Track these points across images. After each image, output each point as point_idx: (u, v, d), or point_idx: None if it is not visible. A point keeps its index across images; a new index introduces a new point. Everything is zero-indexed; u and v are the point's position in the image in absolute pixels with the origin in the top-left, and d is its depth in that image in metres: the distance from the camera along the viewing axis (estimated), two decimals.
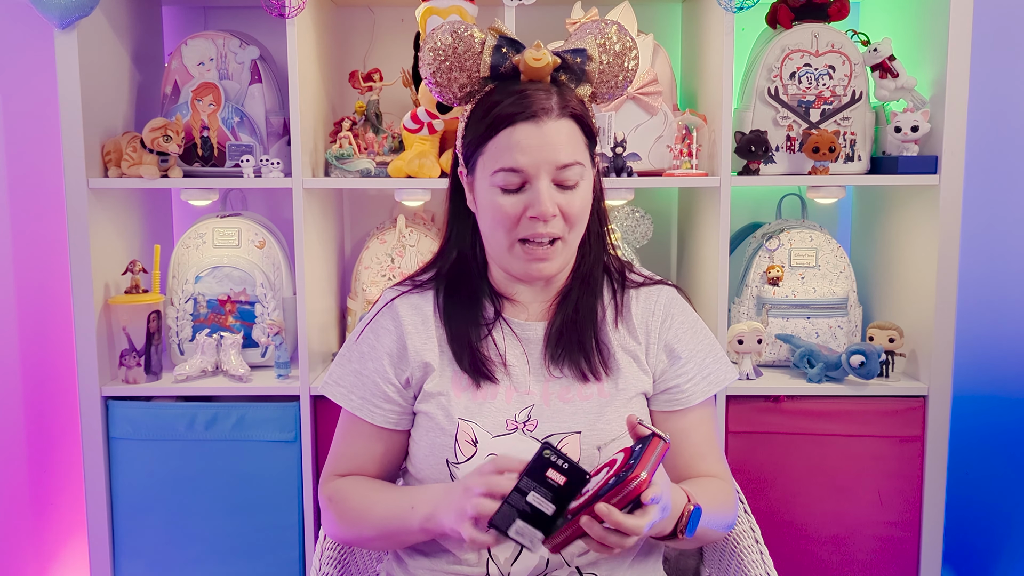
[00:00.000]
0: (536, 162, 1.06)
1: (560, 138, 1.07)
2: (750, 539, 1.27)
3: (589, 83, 1.12)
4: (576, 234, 1.12)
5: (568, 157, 1.07)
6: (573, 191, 1.09)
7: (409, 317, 1.18)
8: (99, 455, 1.82)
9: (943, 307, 1.78)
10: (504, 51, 1.09)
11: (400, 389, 1.17)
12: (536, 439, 1.11)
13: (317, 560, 1.28)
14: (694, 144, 1.84)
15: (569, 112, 1.08)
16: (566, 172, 1.07)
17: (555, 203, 1.07)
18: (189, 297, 1.92)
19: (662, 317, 1.19)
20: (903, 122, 1.80)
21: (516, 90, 1.08)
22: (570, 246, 1.12)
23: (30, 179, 1.98)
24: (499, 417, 1.12)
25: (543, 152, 1.06)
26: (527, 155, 1.06)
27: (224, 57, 1.93)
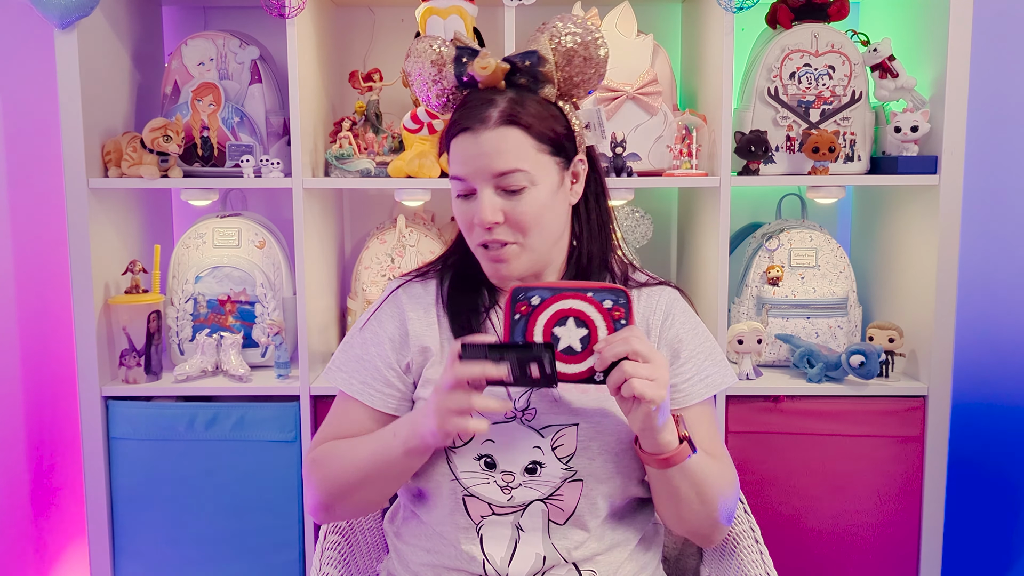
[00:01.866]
0: (474, 171, 1.09)
1: (497, 146, 1.08)
2: (750, 539, 1.27)
3: (550, 83, 1.12)
4: (537, 238, 1.12)
5: (505, 165, 1.08)
6: (519, 197, 1.09)
7: (411, 303, 1.20)
8: (99, 455, 1.82)
9: (943, 307, 1.78)
10: (464, 60, 1.12)
11: (401, 374, 1.18)
12: (534, 429, 1.11)
13: (317, 560, 1.28)
14: (694, 144, 1.84)
15: (510, 120, 1.09)
16: (506, 179, 1.09)
17: (498, 210, 1.09)
18: (189, 297, 1.92)
19: (663, 316, 1.19)
20: (903, 122, 1.80)
21: (467, 100, 1.12)
22: (531, 249, 1.12)
23: (30, 179, 1.98)
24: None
25: (479, 161, 1.09)
26: (466, 165, 1.10)
27: (224, 57, 1.93)
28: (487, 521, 1.12)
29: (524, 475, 1.11)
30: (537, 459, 1.11)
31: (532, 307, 1.00)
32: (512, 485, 1.11)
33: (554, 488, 1.11)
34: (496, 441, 1.11)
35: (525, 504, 1.11)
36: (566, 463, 1.11)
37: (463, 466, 1.11)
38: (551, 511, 1.11)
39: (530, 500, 1.11)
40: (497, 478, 1.11)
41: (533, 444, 1.11)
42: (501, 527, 1.11)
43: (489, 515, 1.12)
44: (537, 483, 1.11)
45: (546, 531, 1.11)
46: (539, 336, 1.01)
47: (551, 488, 1.11)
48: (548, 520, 1.11)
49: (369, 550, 1.42)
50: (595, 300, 1.00)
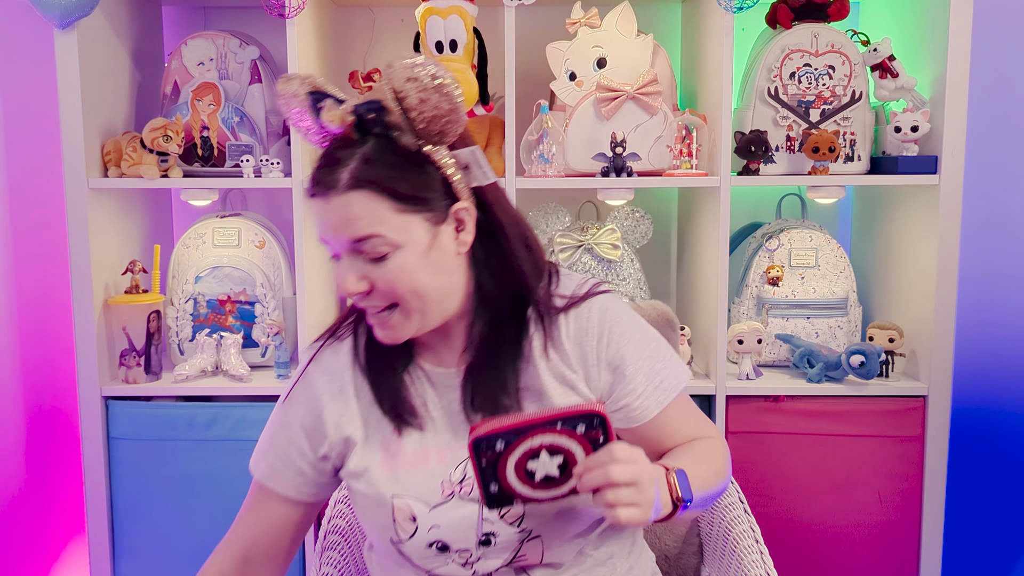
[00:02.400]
0: (330, 238, 1.01)
1: (348, 212, 0.98)
2: (750, 539, 1.26)
3: (406, 131, 0.99)
4: (415, 302, 1.01)
5: (359, 231, 0.98)
6: (383, 264, 0.99)
7: (324, 382, 1.11)
8: (99, 455, 1.82)
9: (943, 307, 1.78)
10: (319, 106, 1.01)
11: (315, 462, 1.11)
12: (475, 501, 1.04)
13: (317, 560, 1.28)
14: (694, 144, 1.84)
15: (360, 182, 0.97)
16: (363, 246, 0.99)
17: (362, 278, 1.00)
18: (189, 297, 1.92)
19: (597, 335, 1.08)
20: (903, 122, 1.80)
21: (324, 153, 1.02)
22: (415, 313, 1.02)
23: (30, 179, 1.98)
24: (433, 482, 1.05)
25: (333, 228, 1.00)
26: (323, 230, 1.02)
27: (224, 57, 1.93)
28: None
29: (480, 548, 1.04)
30: (488, 531, 1.04)
31: (498, 454, 0.90)
32: (471, 560, 1.05)
33: (515, 551, 1.05)
34: (441, 525, 1.03)
35: (491, 572, 1.06)
36: (519, 526, 1.04)
37: (416, 555, 1.05)
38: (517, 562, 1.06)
39: (495, 568, 1.05)
40: (454, 558, 1.05)
41: (481, 516, 1.04)
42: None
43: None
44: (496, 551, 1.05)
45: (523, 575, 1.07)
46: (512, 475, 0.92)
47: (512, 552, 1.05)
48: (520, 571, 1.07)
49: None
50: (566, 430, 0.90)
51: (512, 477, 0.93)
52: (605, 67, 1.86)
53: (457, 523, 1.03)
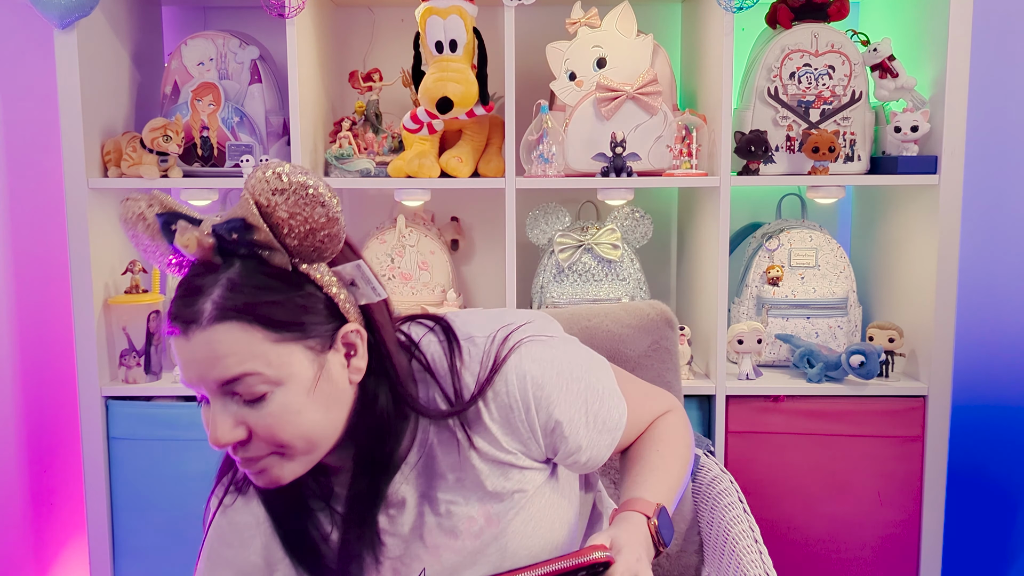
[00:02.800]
0: (195, 380, 0.86)
1: (214, 351, 0.83)
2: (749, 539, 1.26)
3: (275, 250, 0.85)
4: (302, 443, 0.88)
5: (228, 371, 0.84)
6: (261, 405, 0.85)
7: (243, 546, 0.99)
8: (99, 455, 1.82)
9: (943, 307, 1.78)
10: (173, 228, 0.87)
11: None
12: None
13: None
14: (694, 144, 1.84)
15: (226, 313, 0.83)
16: (236, 386, 0.84)
17: (238, 426, 0.86)
18: None
19: (524, 408, 0.96)
20: (903, 122, 1.80)
21: (182, 282, 0.87)
22: (302, 454, 0.89)
23: (30, 179, 1.98)
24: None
25: (197, 370, 0.85)
26: (186, 372, 0.86)
27: (224, 57, 1.93)
28: None
29: None
30: None
31: None
32: None
33: None
34: None
35: None
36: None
37: None
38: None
39: None
40: None
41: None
42: None
43: None
44: None
45: None
46: None
47: None
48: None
49: None
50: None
51: None
52: (605, 67, 1.86)
53: None
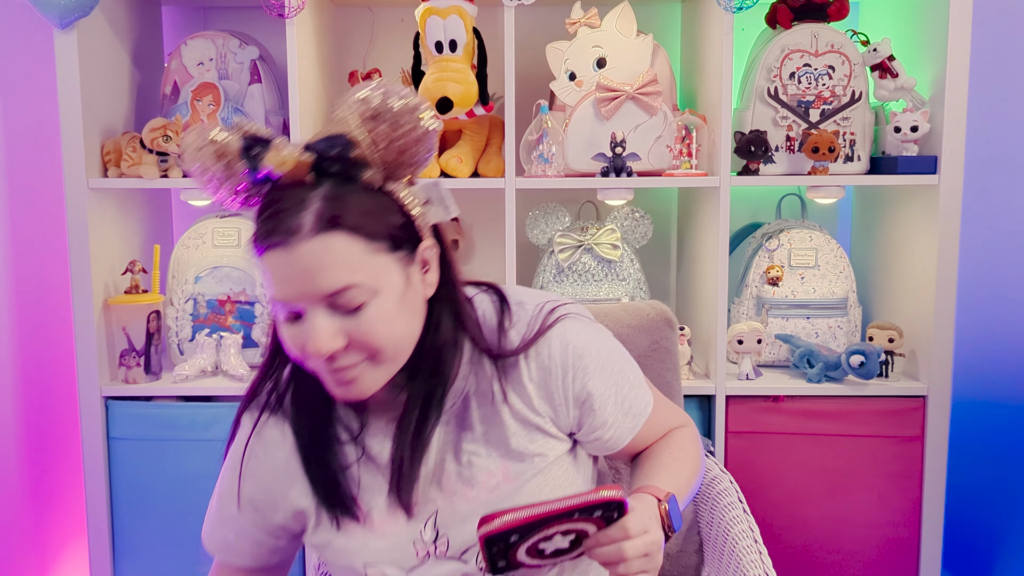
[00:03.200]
0: (296, 294, 0.87)
1: (319, 261, 0.86)
2: (749, 539, 1.27)
3: (372, 166, 0.89)
4: (391, 352, 0.92)
5: (333, 282, 0.86)
6: (359, 315, 0.88)
7: (268, 459, 1.04)
8: (99, 455, 1.82)
9: (943, 307, 1.78)
10: (255, 154, 0.88)
11: (271, 530, 1.05)
12: (455, 559, 0.98)
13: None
14: (694, 144, 1.84)
15: (330, 224, 0.86)
16: (338, 299, 0.87)
17: (337, 334, 0.88)
18: (189, 297, 1.92)
19: (561, 374, 1.00)
20: (903, 122, 1.80)
21: (270, 201, 0.88)
22: (387, 363, 0.93)
23: (30, 179, 1.98)
24: (405, 545, 0.99)
25: (300, 283, 0.87)
26: (284, 287, 0.88)
27: (224, 57, 1.93)
28: None
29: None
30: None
31: (510, 544, 0.87)
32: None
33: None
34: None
35: None
36: None
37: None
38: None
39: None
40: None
41: (461, 573, 0.99)
42: None
43: None
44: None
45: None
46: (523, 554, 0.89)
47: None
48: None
49: None
50: (583, 518, 0.88)
51: (523, 555, 0.90)
52: (605, 67, 1.86)
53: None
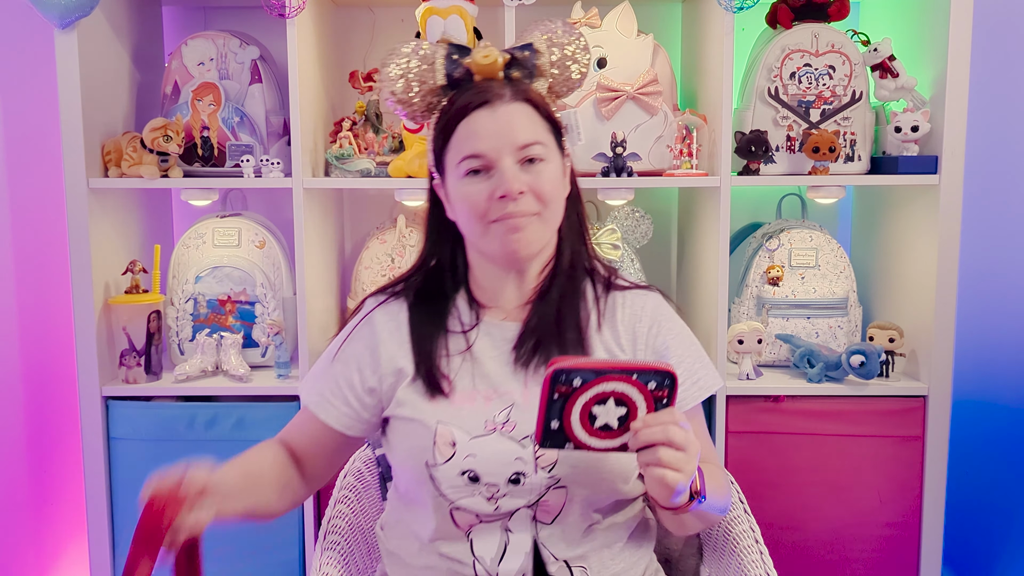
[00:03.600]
0: (496, 145, 1.08)
1: (516, 119, 1.09)
2: (750, 539, 1.26)
3: (543, 77, 1.15)
4: (552, 213, 1.12)
5: (527, 136, 1.09)
6: (539, 168, 1.10)
7: (384, 324, 1.18)
8: (99, 455, 1.82)
9: (943, 307, 1.78)
10: (455, 58, 1.12)
11: (362, 396, 1.17)
12: (514, 440, 1.10)
13: (317, 560, 1.28)
14: (694, 144, 1.84)
15: (524, 97, 1.11)
16: (528, 150, 1.09)
17: (521, 181, 1.08)
18: (189, 297, 1.92)
19: (649, 323, 1.18)
20: (903, 122, 1.80)
21: (467, 88, 1.12)
22: (547, 224, 1.12)
23: (30, 179, 1.98)
24: (478, 419, 1.11)
25: (501, 135, 1.08)
26: (485, 140, 1.08)
27: (224, 57, 1.93)
28: (475, 529, 1.12)
29: (508, 486, 1.09)
30: (520, 470, 1.09)
31: (573, 389, 0.95)
32: (497, 496, 1.10)
33: (539, 495, 1.10)
34: (477, 455, 1.09)
35: (511, 511, 1.11)
36: (549, 471, 1.09)
37: (447, 481, 1.10)
38: (538, 513, 1.11)
39: (516, 508, 1.10)
40: (482, 490, 1.09)
41: (515, 456, 1.09)
42: (490, 531, 1.11)
43: (477, 524, 1.11)
44: (522, 492, 1.10)
45: (535, 532, 1.12)
46: (576, 415, 0.96)
47: (536, 495, 1.10)
48: (536, 521, 1.11)
49: (369, 550, 1.42)
50: (639, 382, 0.95)
51: (575, 417, 0.96)
52: (605, 67, 1.86)
53: (493, 456, 1.09)
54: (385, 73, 1.14)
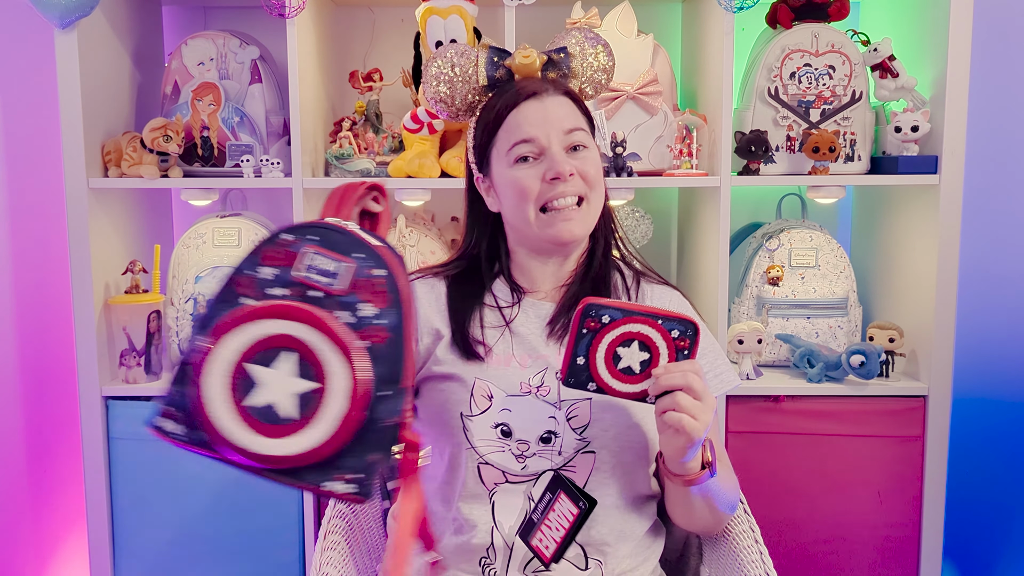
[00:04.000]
0: (546, 131, 1.16)
1: (561, 108, 1.18)
2: (750, 539, 1.26)
3: (575, 78, 1.24)
4: (596, 196, 1.20)
5: (572, 123, 1.18)
6: (583, 154, 1.18)
7: (423, 293, 1.25)
8: (99, 455, 1.82)
9: (943, 307, 1.78)
10: (496, 60, 1.21)
11: None
12: (549, 402, 1.15)
13: (317, 560, 1.28)
14: (694, 144, 1.84)
15: (563, 90, 1.20)
16: (573, 136, 1.17)
17: (571, 164, 1.16)
18: (189, 297, 1.92)
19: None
20: (903, 122, 1.80)
21: (511, 86, 1.21)
22: (593, 208, 1.20)
23: (30, 179, 1.98)
24: (513, 379, 1.16)
25: (549, 121, 1.16)
26: (536, 126, 1.16)
27: (224, 57, 1.93)
28: (500, 489, 1.14)
29: (539, 444, 1.13)
30: (552, 429, 1.14)
31: (601, 325, 1.00)
32: (527, 454, 1.13)
33: (567, 459, 1.13)
34: (512, 411, 1.14)
35: (538, 473, 1.13)
36: (580, 433, 1.13)
37: (479, 433, 1.14)
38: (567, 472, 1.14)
39: (543, 469, 1.13)
40: (512, 446, 1.13)
41: (548, 415, 1.14)
42: (513, 496, 1.14)
43: (503, 483, 1.14)
44: (551, 453, 1.13)
45: None
46: (601, 353, 1.01)
47: (564, 459, 1.13)
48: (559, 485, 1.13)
49: (369, 550, 1.42)
50: (663, 328, 1.00)
51: (601, 355, 1.01)
52: None
53: (527, 414, 1.14)
54: (428, 74, 1.22)
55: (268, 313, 0.67)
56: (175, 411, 0.71)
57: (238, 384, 0.65)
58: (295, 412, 0.65)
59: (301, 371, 0.65)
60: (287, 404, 0.65)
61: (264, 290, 0.72)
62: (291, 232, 0.78)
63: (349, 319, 0.70)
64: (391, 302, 0.75)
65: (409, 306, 0.80)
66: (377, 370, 0.71)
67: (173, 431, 0.70)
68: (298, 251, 0.76)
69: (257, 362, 0.65)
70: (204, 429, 0.68)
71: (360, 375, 0.67)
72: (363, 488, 0.70)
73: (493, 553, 1.14)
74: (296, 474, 0.70)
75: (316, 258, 0.75)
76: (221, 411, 0.66)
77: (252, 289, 0.72)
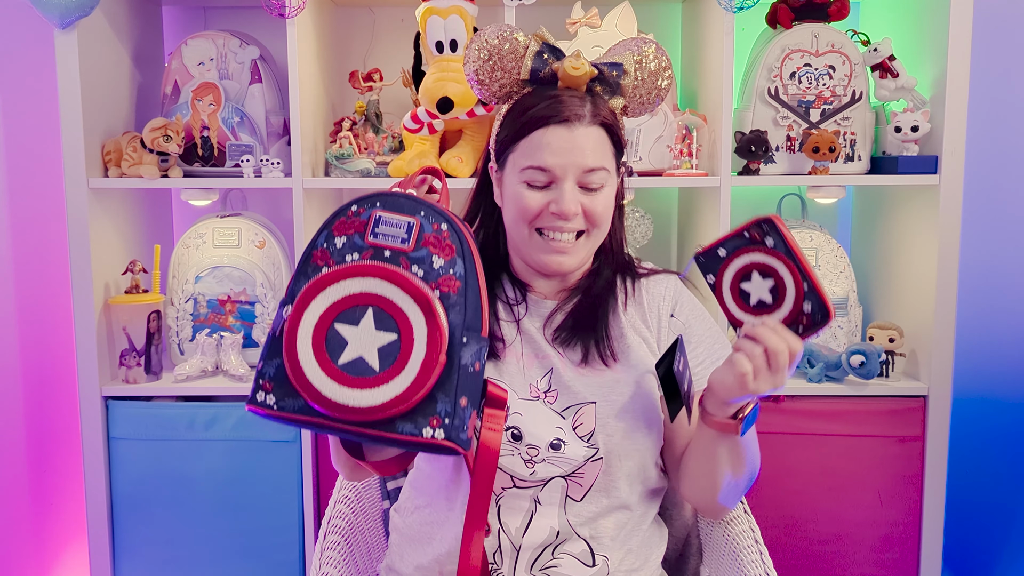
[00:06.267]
0: (564, 164, 1.11)
1: (589, 143, 1.11)
2: (750, 539, 1.26)
3: (622, 96, 1.16)
4: (598, 234, 1.16)
5: (595, 162, 1.12)
6: (596, 194, 1.13)
7: None
8: (99, 455, 1.82)
9: (943, 307, 1.78)
10: (545, 57, 1.14)
11: None
12: (555, 411, 1.14)
13: (317, 560, 1.28)
14: (694, 144, 1.84)
15: (600, 120, 1.13)
16: (592, 176, 1.12)
17: (578, 203, 1.12)
18: (189, 297, 1.92)
19: (672, 303, 1.23)
20: (903, 122, 1.80)
21: (552, 95, 1.13)
22: (592, 244, 1.17)
23: (30, 179, 1.98)
24: (522, 380, 1.16)
25: (571, 155, 1.11)
26: (556, 156, 1.11)
27: (224, 57, 1.93)
28: (507, 493, 1.13)
29: (549, 450, 1.12)
30: (561, 437, 1.13)
31: (762, 244, 1.01)
32: (536, 460, 1.12)
33: (576, 467, 1.13)
34: (523, 415, 1.13)
35: (546, 480, 1.13)
36: (588, 441, 1.13)
37: None
38: (570, 487, 1.13)
39: (551, 476, 1.13)
40: (522, 451, 1.12)
41: (555, 424, 1.13)
42: (519, 499, 1.13)
43: (510, 487, 1.13)
44: (560, 460, 1.12)
45: (563, 506, 1.13)
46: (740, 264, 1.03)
47: (573, 467, 1.13)
48: (566, 495, 1.13)
49: (369, 550, 1.42)
50: (805, 292, 0.99)
51: (739, 263, 1.04)
52: None
53: (536, 420, 1.13)
54: (472, 47, 1.16)
55: (345, 274, 0.75)
56: (270, 383, 0.77)
57: (327, 344, 0.73)
58: (383, 363, 0.73)
59: (383, 324, 0.73)
60: (374, 356, 0.73)
61: (339, 257, 0.80)
62: (358, 203, 0.86)
63: (421, 272, 0.78)
64: (457, 252, 0.83)
65: (476, 255, 0.87)
66: (453, 317, 0.79)
67: (271, 404, 0.77)
68: (366, 218, 0.83)
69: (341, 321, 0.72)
70: (301, 392, 0.75)
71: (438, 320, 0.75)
72: (453, 433, 0.76)
73: (500, 557, 1.13)
74: (391, 424, 0.75)
75: (384, 221, 0.82)
76: (314, 371, 0.73)
77: (328, 259, 0.80)
